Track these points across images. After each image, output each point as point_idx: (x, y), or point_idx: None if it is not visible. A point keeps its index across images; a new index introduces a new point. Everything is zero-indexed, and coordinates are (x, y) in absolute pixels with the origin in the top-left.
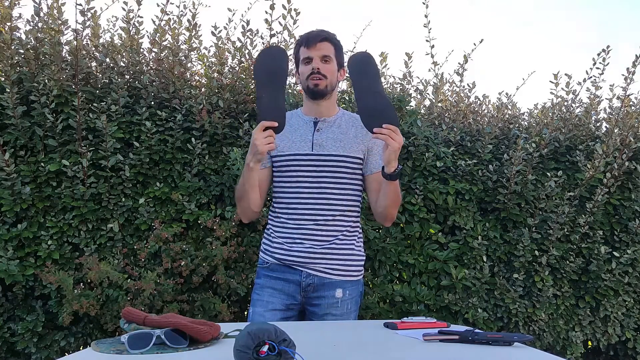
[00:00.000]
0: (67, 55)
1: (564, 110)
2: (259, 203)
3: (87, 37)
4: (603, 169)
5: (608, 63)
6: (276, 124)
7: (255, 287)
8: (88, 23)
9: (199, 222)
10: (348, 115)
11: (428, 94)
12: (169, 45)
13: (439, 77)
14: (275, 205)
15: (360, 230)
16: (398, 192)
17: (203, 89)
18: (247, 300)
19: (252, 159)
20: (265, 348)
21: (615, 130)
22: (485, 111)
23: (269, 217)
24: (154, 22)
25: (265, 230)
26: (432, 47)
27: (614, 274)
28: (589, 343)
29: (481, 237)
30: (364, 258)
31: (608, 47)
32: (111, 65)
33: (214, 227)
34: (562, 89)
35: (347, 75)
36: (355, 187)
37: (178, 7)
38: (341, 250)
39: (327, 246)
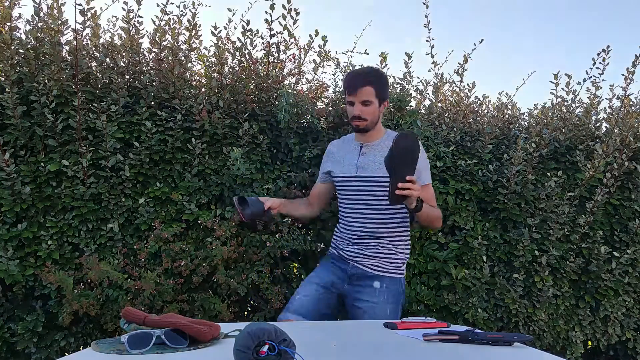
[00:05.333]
0: (67, 55)
1: (564, 110)
2: (307, 213)
3: (87, 37)
4: (603, 169)
5: (608, 63)
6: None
7: (319, 264)
8: (88, 23)
9: (199, 222)
10: (392, 138)
11: (428, 94)
12: (169, 45)
13: (439, 77)
14: (339, 211)
15: (406, 237)
16: (430, 214)
17: (203, 89)
18: (247, 300)
19: None
20: (265, 348)
21: (615, 130)
22: (485, 111)
23: (338, 219)
24: (154, 22)
25: (335, 229)
26: (432, 47)
27: (614, 274)
28: (589, 343)
29: (481, 237)
30: (405, 261)
31: (608, 47)
32: (111, 65)
33: (214, 227)
34: (562, 89)
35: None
36: (395, 207)
37: (178, 7)
38: (383, 253)
39: (371, 249)
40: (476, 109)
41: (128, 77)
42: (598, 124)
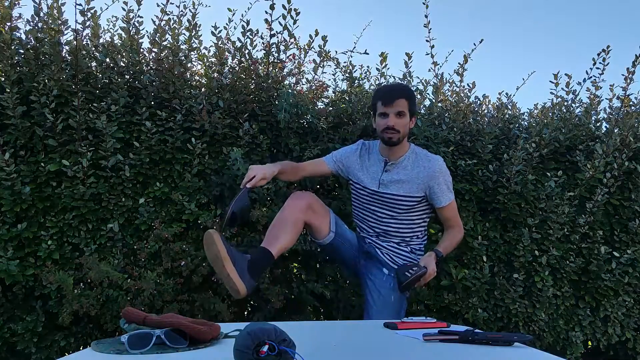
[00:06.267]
0: (67, 55)
1: (564, 110)
2: (292, 179)
3: (87, 37)
4: (603, 169)
5: (608, 63)
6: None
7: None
8: (88, 23)
9: (199, 222)
10: (415, 155)
11: (428, 94)
12: (169, 45)
13: (439, 77)
14: (353, 210)
15: (420, 240)
16: (452, 248)
17: (203, 89)
18: (247, 300)
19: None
20: (265, 348)
21: (615, 130)
22: (485, 111)
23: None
24: (154, 22)
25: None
26: (432, 47)
27: (614, 274)
28: (589, 343)
29: (481, 237)
30: (415, 262)
31: (608, 47)
32: (111, 65)
33: (214, 227)
34: (562, 89)
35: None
36: (412, 217)
37: (178, 7)
38: (397, 249)
39: (381, 246)
40: (476, 109)
41: (128, 77)
42: (598, 124)
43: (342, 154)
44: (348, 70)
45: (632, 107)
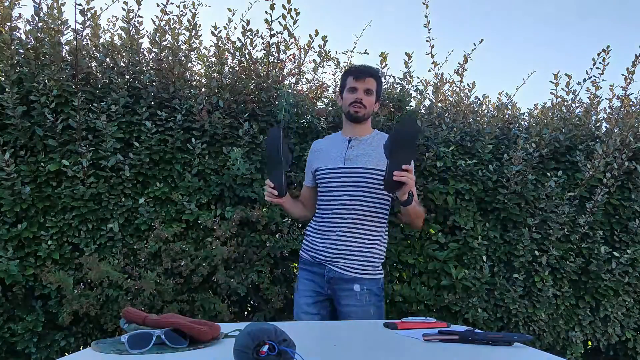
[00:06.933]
0: (67, 55)
1: (564, 110)
2: (303, 214)
3: (87, 37)
4: (603, 169)
5: (608, 63)
6: (272, 187)
7: (297, 277)
8: (88, 23)
9: (199, 222)
10: (380, 135)
11: (428, 94)
12: (169, 45)
13: (439, 77)
14: (316, 211)
15: (385, 234)
16: (416, 211)
17: (203, 89)
18: (247, 300)
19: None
20: (265, 348)
21: (615, 130)
22: (485, 111)
23: (311, 220)
24: (154, 22)
25: (305, 230)
26: (432, 47)
27: (614, 274)
28: (589, 343)
29: (481, 237)
30: (383, 260)
31: (608, 47)
32: (111, 65)
33: (214, 227)
34: (562, 89)
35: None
36: (379, 195)
37: (178, 7)
38: (359, 250)
39: (350, 245)
40: (476, 109)
41: (128, 77)
42: (598, 124)
43: (308, 166)
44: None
45: (632, 107)
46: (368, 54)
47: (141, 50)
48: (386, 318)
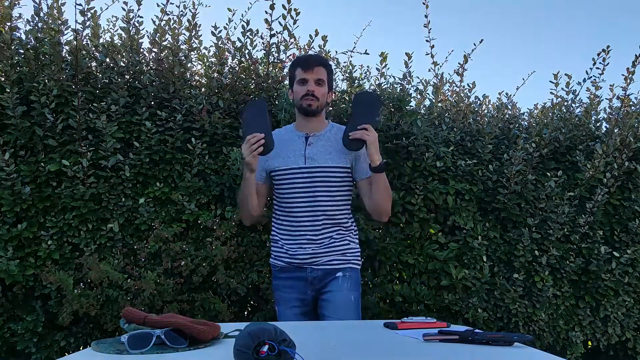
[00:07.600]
0: (67, 55)
1: (564, 110)
2: (257, 209)
3: (87, 37)
4: (603, 169)
5: (608, 63)
6: (261, 135)
7: (274, 287)
8: (88, 23)
9: (199, 222)
10: (336, 128)
11: (428, 94)
12: (169, 45)
13: (439, 77)
14: (277, 214)
15: (354, 226)
16: (387, 186)
17: (203, 89)
18: (247, 300)
19: (245, 169)
20: (265, 348)
21: (615, 130)
22: (485, 111)
23: (273, 225)
24: (154, 22)
25: (271, 237)
26: (432, 47)
27: (614, 274)
28: (589, 343)
29: (481, 237)
30: (359, 249)
31: (608, 47)
32: (111, 65)
33: (214, 227)
34: (562, 89)
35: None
36: (344, 191)
37: (178, 7)
38: (338, 246)
39: (326, 245)
40: (476, 109)
41: (128, 77)
42: (598, 124)
43: (258, 163)
44: (348, 70)
45: (632, 107)
46: (368, 54)
47: (141, 50)
48: (386, 318)
